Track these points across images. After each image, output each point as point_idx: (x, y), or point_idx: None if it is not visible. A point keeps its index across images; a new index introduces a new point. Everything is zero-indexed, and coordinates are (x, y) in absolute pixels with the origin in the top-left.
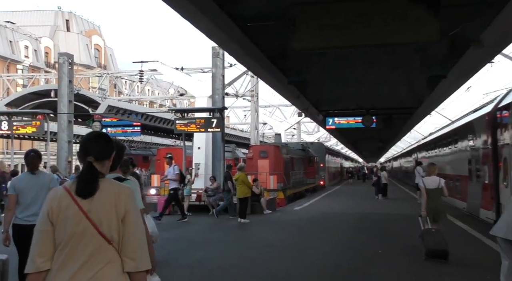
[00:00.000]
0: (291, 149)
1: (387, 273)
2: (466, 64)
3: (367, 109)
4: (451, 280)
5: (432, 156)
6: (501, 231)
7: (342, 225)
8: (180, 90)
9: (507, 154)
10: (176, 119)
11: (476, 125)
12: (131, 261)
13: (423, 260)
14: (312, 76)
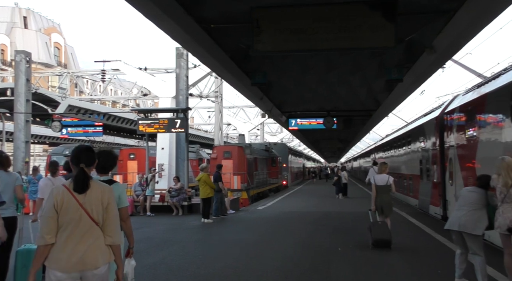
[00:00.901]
0: (255, 149)
1: (345, 268)
2: (420, 69)
3: (328, 111)
4: (394, 264)
5: (388, 157)
6: (453, 225)
7: (304, 224)
8: (144, 90)
9: (452, 155)
10: (139, 120)
11: (426, 128)
12: (110, 237)
13: (370, 249)
14: (275, 78)
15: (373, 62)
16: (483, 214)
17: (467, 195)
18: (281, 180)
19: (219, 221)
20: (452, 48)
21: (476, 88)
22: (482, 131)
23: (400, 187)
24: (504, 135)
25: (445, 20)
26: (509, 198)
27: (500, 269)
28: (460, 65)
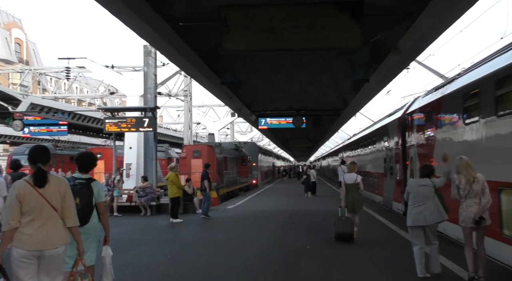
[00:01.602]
0: (225, 148)
1: (313, 265)
2: (386, 69)
3: (297, 110)
4: (360, 260)
5: (355, 156)
6: (419, 221)
7: (273, 222)
8: (111, 89)
9: (413, 154)
10: (106, 118)
11: (389, 128)
12: (68, 220)
13: (334, 242)
14: (245, 77)
15: (341, 62)
16: (436, 202)
17: (420, 190)
18: (251, 179)
19: (188, 221)
20: (416, 49)
21: (433, 91)
22: (439, 131)
23: (366, 185)
24: (458, 135)
25: (409, 22)
26: (471, 193)
27: (455, 260)
28: (423, 66)
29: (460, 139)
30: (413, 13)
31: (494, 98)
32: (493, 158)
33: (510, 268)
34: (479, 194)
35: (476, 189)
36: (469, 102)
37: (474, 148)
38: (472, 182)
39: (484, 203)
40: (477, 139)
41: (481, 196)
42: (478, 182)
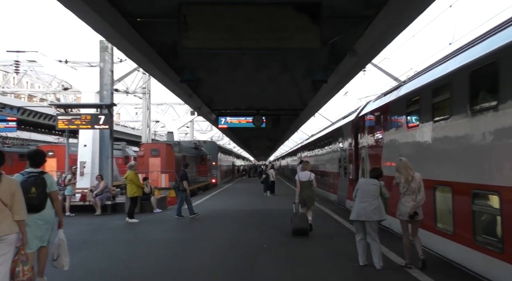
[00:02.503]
0: (184, 147)
1: (269, 263)
2: (343, 71)
3: (257, 110)
4: (315, 258)
5: (312, 156)
6: (360, 216)
7: (231, 221)
8: (65, 84)
9: (364, 155)
10: (59, 115)
11: (344, 130)
12: (16, 215)
13: (290, 237)
14: (205, 75)
15: (300, 63)
16: (380, 202)
17: (368, 187)
18: (211, 178)
19: (145, 221)
20: (372, 52)
21: (382, 96)
22: (386, 134)
23: (323, 184)
24: (402, 138)
25: (365, 25)
26: (409, 190)
27: (395, 250)
28: (379, 69)
29: (404, 141)
30: (369, 17)
31: (431, 105)
32: (430, 160)
33: (443, 257)
34: (416, 191)
35: (413, 187)
36: (411, 108)
37: (415, 150)
38: (411, 181)
39: (419, 200)
40: (417, 142)
41: (417, 193)
42: (415, 181)
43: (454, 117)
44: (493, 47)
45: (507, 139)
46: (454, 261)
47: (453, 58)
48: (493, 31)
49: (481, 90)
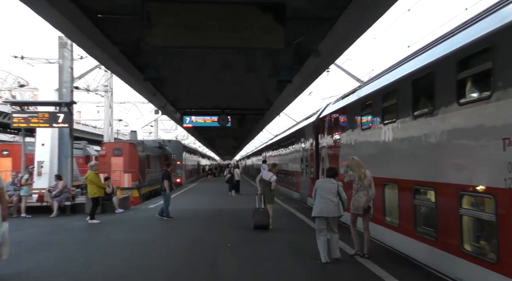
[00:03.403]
0: (147, 146)
1: (232, 262)
2: (307, 71)
3: (223, 109)
4: (277, 257)
5: (277, 155)
6: (322, 213)
7: (196, 221)
8: (21, 81)
9: (324, 154)
10: (14, 112)
11: (305, 131)
12: None
13: (255, 235)
14: (169, 74)
15: (265, 62)
16: (338, 199)
17: (327, 186)
18: (175, 178)
19: (106, 222)
20: (335, 52)
21: (341, 99)
22: (343, 135)
23: (286, 182)
24: (357, 139)
25: (328, 26)
26: (362, 187)
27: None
28: (342, 69)
29: (359, 142)
30: (332, 18)
31: (381, 109)
32: (380, 159)
33: (390, 247)
34: (368, 187)
35: (365, 183)
36: (364, 112)
37: (368, 150)
38: (363, 178)
39: (371, 194)
40: (370, 143)
41: (369, 189)
42: (366, 178)
43: (399, 120)
44: (430, 59)
45: (440, 141)
46: (400, 251)
47: (399, 67)
48: (430, 45)
49: (421, 97)
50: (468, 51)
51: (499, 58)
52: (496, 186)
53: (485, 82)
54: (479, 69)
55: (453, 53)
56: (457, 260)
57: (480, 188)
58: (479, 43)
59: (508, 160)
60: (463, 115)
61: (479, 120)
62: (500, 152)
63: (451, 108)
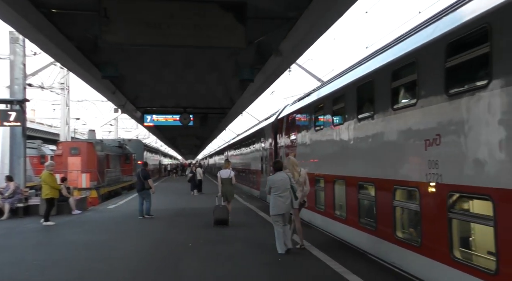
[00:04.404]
0: (107, 146)
1: (193, 262)
2: (269, 70)
3: (184, 108)
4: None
5: (238, 154)
6: (281, 210)
7: (157, 221)
8: None
9: (282, 153)
10: None
11: (265, 131)
12: None
13: (213, 228)
14: (129, 71)
15: (228, 62)
16: (291, 193)
17: (281, 182)
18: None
19: (62, 223)
20: (296, 52)
21: (297, 101)
22: (299, 135)
23: (247, 180)
24: (311, 139)
25: (289, 26)
26: (297, 183)
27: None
28: (303, 69)
29: (312, 142)
30: (292, 18)
31: (332, 112)
32: (331, 158)
33: (337, 238)
34: (303, 184)
35: (301, 180)
36: (318, 113)
37: (320, 150)
38: (299, 176)
39: (305, 191)
40: (321, 143)
41: (304, 186)
42: (301, 176)
43: (347, 123)
44: (370, 69)
45: (378, 142)
46: (348, 242)
47: (347, 74)
48: (371, 56)
49: (364, 102)
50: (399, 64)
51: (422, 71)
52: (420, 180)
53: (412, 91)
54: (408, 80)
55: (387, 65)
56: (391, 246)
57: (408, 182)
58: (407, 57)
59: (428, 158)
60: (396, 119)
61: (408, 124)
62: (423, 152)
63: (387, 113)
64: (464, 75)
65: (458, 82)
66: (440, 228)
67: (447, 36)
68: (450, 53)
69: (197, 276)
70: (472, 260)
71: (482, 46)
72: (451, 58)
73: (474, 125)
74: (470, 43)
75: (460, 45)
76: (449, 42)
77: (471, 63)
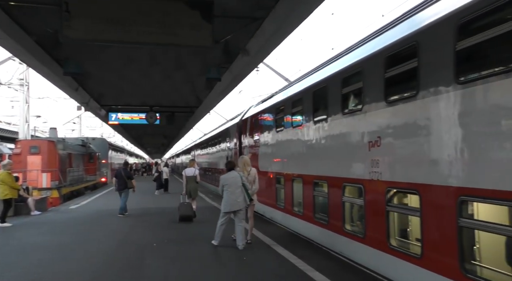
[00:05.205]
0: (69, 144)
1: (157, 262)
2: (236, 69)
3: (151, 106)
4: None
5: (205, 154)
6: (234, 207)
7: (121, 222)
8: None
9: (246, 153)
10: None
11: (230, 131)
12: None
13: (178, 225)
14: (93, 68)
15: (195, 60)
16: (243, 191)
17: (233, 181)
18: (100, 177)
19: (20, 224)
20: (263, 52)
21: (260, 103)
22: (262, 136)
23: (213, 179)
24: (272, 139)
25: (256, 26)
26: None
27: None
28: (270, 69)
29: (273, 143)
30: (259, 18)
31: (291, 114)
32: (290, 158)
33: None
34: (252, 183)
35: (250, 179)
36: (278, 115)
37: (280, 150)
38: (248, 175)
39: (254, 189)
40: (282, 144)
41: (253, 184)
42: (250, 175)
43: (304, 125)
44: (324, 76)
45: (331, 143)
46: (305, 236)
47: (304, 79)
48: (326, 63)
49: (319, 106)
50: (348, 72)
51: (366, 80)
52: (364, 178)
53: (359, 98)
54: (355, 87)
55: (338, 73)
56: (341, 238)
57: (355, 179)
58: (354, 67)
59: (371, 158)
60: (345, 123)
61: (355, 127)
62: (367, 152)
63: (338, 117)
64: (399, 85)
65: (395, 91)
66: (379, 220)
67: (384, 50)
68: (388, 65)
69: (161, 277)
70: (404, 247)
71: (412, 61)
72: (389, 70)
73: (406, 129)
74: (403, 57)
75: (395, 59)
76: (387, 56)
77: (404, 75)
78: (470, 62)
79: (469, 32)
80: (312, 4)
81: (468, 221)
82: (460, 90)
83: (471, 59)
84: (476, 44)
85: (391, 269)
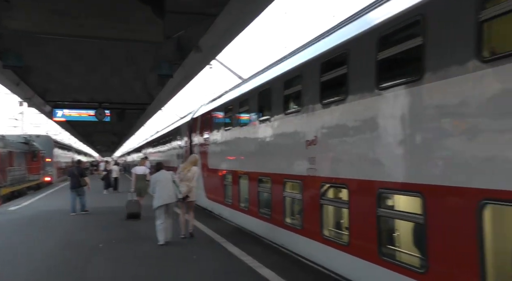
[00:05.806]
0: (10, 142)
1: (103, 263)
2: (189, 66)
3: (100, 102)
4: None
5: (157, 152)
6: (165, 201)
7: (65, 222)
8: None
9: (196, 151)
10: None
11: (182, 129)
12: None
13: (125, 220)
14: (36, 62)
15: (146, 56)
16: (174, 187)
17: (164, 177)
18: (44, 176)
19: None
20: (216, 48)
21: (210, 102)
22: (211, 134)
23: None
24: (221, 138)
25: (209, 22)
26: (185, 178)
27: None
28: (223, 66)
29: (222, 140)
30: (212, 14)
31: (238, 114)
32: (236, 155)
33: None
34: (190, 179)
35: (189, 176)
36: (227, 115)
37: (227, 148)
38: (188, 172)
39: (191, 186)
40: (229, 142)
41: (191, 181)
42: (190, 172)
43: (250, 124)
44: (270, 77)
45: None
46: (250, 230)
47: (252, 80)
48: (270, 66)
49: (264, 106)
50: (289, 75)
51: (304, 83)
52: (303, 174)
53: (299, 100)
54: (295, 89)
55: (280, 76)
56: (282, 231)
57: (294, 176)
58: (294, 71)
59: (309, 155)
60: (287, 122)
61: (295, 126)
62: (305, 150)
63: (280, 117)
64: (331, 89)
65: (328, 95)
66: (314, 213)
67: (320, 57)
68: (322, 71)
69: (107, 277)
70: (334, 237)
71: (341, 68)
72: (323, 75)
73: (337, 129)
74: (335, 64)
75: (328, 66)
76: (322, 62)
77: (336, 80)
78: (388, 70)
79: (387, 44)
80: (264, 2)
81: (385, 210)
82: (377, 96)
83: (389, 68)
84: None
85: (324, 258)
